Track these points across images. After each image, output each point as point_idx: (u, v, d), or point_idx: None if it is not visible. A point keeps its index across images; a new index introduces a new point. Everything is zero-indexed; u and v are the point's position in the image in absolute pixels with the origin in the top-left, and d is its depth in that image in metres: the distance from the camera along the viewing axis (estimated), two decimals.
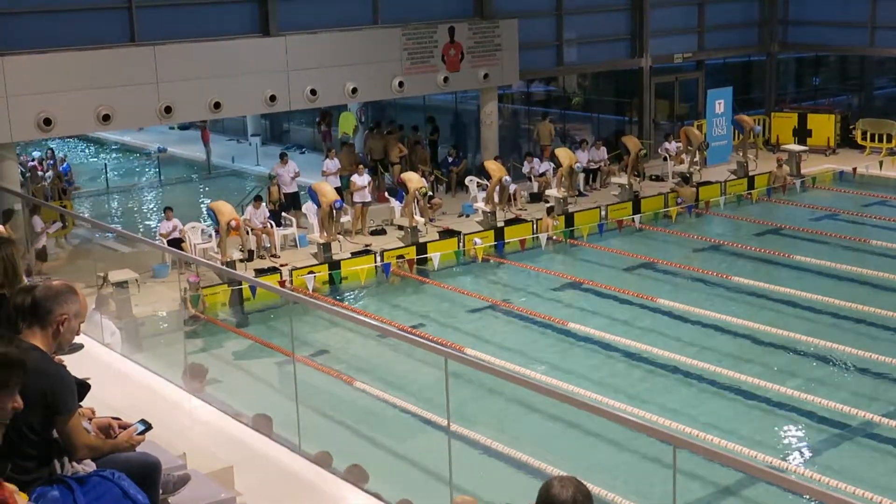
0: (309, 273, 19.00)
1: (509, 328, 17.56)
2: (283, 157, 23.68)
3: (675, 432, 8.85)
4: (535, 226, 22.21)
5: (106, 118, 19.81)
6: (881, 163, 26.81)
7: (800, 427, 13.63)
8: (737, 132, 28.42)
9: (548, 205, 23.24)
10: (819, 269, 19.70)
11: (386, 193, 24.44)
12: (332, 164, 23.61)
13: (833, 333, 16.35)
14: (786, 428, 13.65)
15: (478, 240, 21.18)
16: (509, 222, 22.60)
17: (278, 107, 22.62)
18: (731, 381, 14.69)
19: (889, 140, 28.43)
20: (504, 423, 13.71)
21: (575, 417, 12.96)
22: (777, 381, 14.46)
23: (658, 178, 26.85)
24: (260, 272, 19.22)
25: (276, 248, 21.05)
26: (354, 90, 23.05)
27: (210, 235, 21.14)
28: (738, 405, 14.28)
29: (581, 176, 25.91)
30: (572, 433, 13.02)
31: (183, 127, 34.50)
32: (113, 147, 37.15)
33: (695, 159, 26.39)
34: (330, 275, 19.63)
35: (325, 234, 20.49)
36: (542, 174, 25.36)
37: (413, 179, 21.81)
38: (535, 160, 25.84)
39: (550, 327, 17.32)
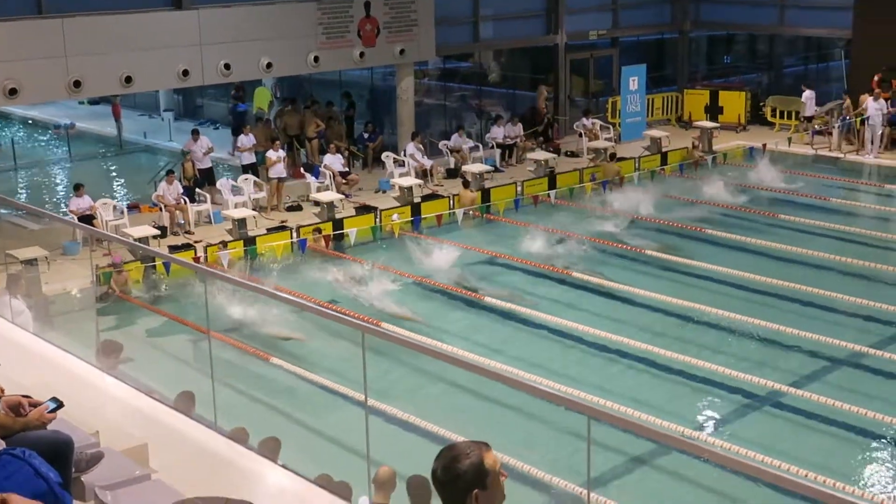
0: (224, 249, 18.80)
1: (426, 302, 17.60)
2: (194, 134, 23.35)
3: (589, 403, 8.98)
4: (451, 201, 22.26)
5: (12, 92, 19.34)
6: (790, 139, 27.38)
7: (710, 397, 13.92)
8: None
9: (462, 179, 23.30)
10: (729, 243, 20.11)
11: (301, 169, 24.28)
12: (247, 139, 23.37)
13: (742, 306, 16.71)
14: (697, 398, 13.93)
15: (396, 215, 21.16)
16: (426, 198, 22.63)
17: (191, 81, 22.30)
18: (643, 353, 14.93)
19: (797, 117, 29.04)
20: (421, 396, 13.76)
21: (491, 390, 13.07)
22: (689, 353, 14.74)
23: (573, 154, 27.09)
24: (174, 248, 18.99)
25: (190, 225, 20.81)
26: (269, 65, 22.82)
27: (122, 212, 20.82)
28: (650, 377, 14.52)
29: (497, 152, 26.08)
30: (488, 406, 13.12)
31: (93, 102, 33.86)
32: (21, 122, 36.27)
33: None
34: (245, 251, 19.47)
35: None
36: (458, 150, 25.45)
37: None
38: (464, 136, 25.92)
39: (467, 301, 17.41)
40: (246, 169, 23.16)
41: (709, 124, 28.42)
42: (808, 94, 28.20)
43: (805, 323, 15.80)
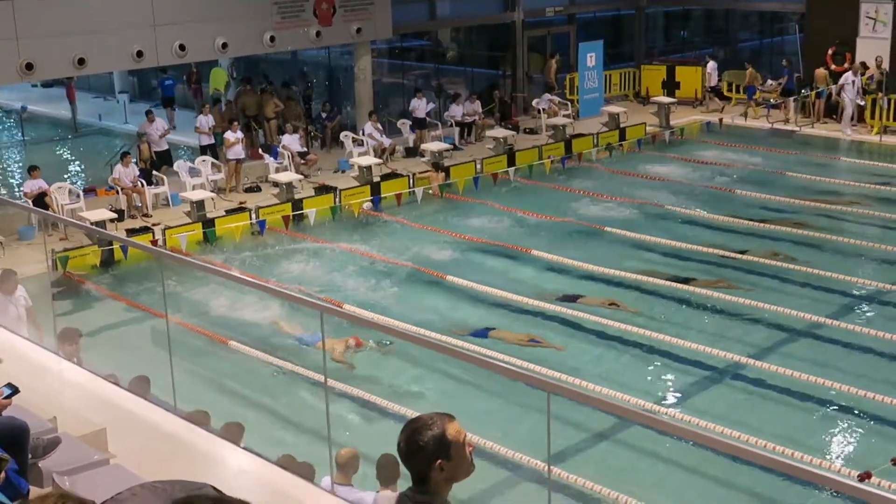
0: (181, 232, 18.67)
1: (387, 282, 17.55)
2: (149, 115, 23.15)
3: (548, 378, 9.03)
4: (411, 180, 22.21)
5: None
6: (746, 113, 27.57)
7: (670, 370, 14.00)
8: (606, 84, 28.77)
9: (429, 160, 23.34)
10: (688, 219, 20.25)
11: (260, 150, 24.14)
12: (206, 120, 23.17)
13: (702, 279, 16.83)
14: (657, 372, 14.00)
15: (368, 203, 21.04)
16: (385, 177, 22.56)
17: (146, 62, 22.05)
18: (602, 328, 15.00)
19: (755, 92, 29.21)
20: (382, 376, 13.74)
21: (452, 368, 13.10)
22: (648, 327, 14.84)
23: (532, 132, 27.12)
24: (132, 232, 18.83)
25: (147, 207, 20.64)
26: (225, 45, 22.61)
27: (78, 195, 20.61)
28: (609, 351, 14.57)
29: (456, 130, 26.07)
30: (450, 384, 13.14)
31: (46, 84, 33.39)
32: None
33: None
34: (204, 233, 19.33)
35: None
36: (424, 121, 25.43)
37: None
38: (424, 99, 25.84)
39: (428, 280, 17.41)
40: (204, 150, 23.00)
41: (666, 99, 28.53)
42: (711, 66, 29.35)
43: (762, 294, 15.96)
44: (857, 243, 18.41)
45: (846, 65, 26.94)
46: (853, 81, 25.75)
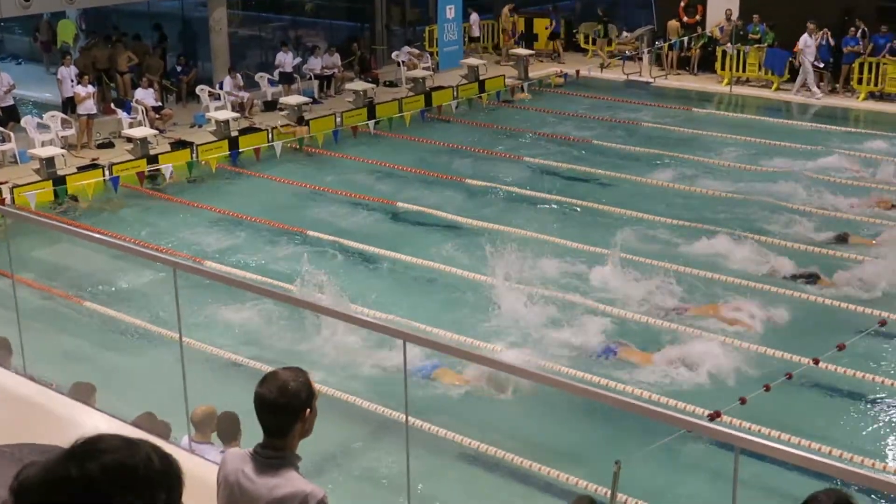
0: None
1: (247, 238, 17.35)
2: None
3: (406, 328, 9.09)
4: (270, 134, 21.94)
5: None
6: (602, 65, 28.02)
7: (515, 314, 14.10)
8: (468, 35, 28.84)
9: (288, 114, 23.11)
10: (547, 170, 20.51)
11: (112, 105, 23.46)
12: (67, 71, 22.34)
13: (559, 227, 17.08)
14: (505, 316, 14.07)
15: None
16: (244, 131, 22.22)
17: None
18: (465, 281, 15.12)
19: (609, 44, 29.70)
20: (240, 332, 13.58)
21: (314, 324, 13.04)
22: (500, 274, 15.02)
23: (392, 84, 27.05)
24: None
25: None
26: None
27: None
28: (469, 301, 14.62)
29: (315, 83, 25.81)
30: (314, 341, 13.09)
31: None
32: None
33: None
34: (55, 191, 18.75)
35: None
36: (292, 76, 25.08)
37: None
38: (290, 54, 25.44)
39: (289, 235, 17.27)
40: (66, 103, 22.26)
41: (524, 52, 28.75)
42: (473, 17, 30.33)
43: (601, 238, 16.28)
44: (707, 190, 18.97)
45: (697, 17, 27.64)
46: (809, 45, 25.45)
